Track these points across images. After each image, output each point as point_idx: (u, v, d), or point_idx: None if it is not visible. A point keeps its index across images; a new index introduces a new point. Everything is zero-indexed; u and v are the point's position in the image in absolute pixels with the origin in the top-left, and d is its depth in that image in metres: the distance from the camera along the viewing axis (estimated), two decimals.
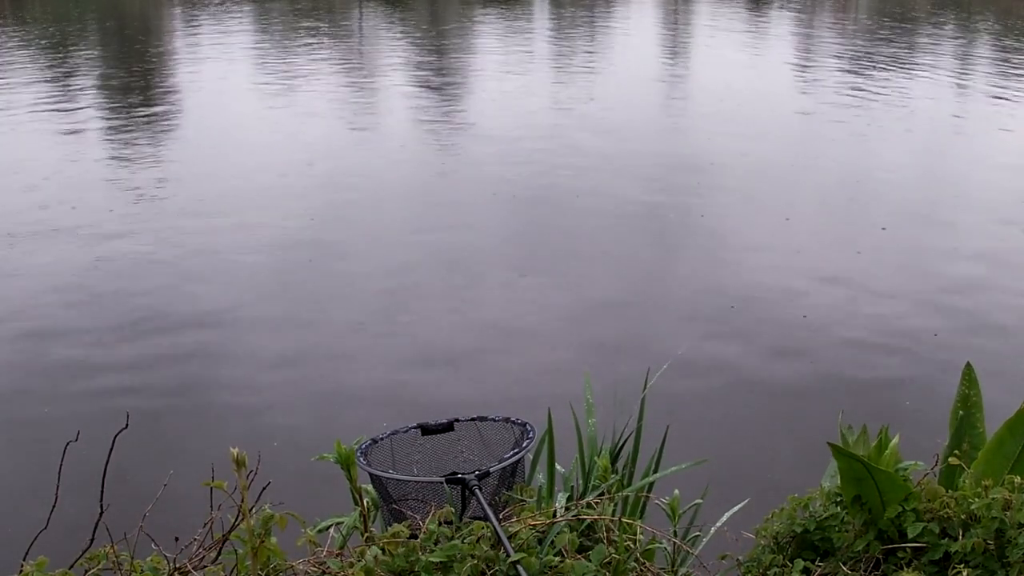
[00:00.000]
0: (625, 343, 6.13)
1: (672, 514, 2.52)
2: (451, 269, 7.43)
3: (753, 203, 9.24)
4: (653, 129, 12.77)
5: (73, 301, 6.71)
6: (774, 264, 7.63)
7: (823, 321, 6.53)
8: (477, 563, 1.96)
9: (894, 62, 18.43)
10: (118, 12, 27.30)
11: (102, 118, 12.84)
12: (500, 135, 11.80)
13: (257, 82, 15.40)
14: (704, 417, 5.24)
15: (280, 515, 1.88)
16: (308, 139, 11.46)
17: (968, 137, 12.63)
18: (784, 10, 29.70)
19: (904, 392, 5.56)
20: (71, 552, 2.01)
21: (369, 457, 2.36)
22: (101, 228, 8.15)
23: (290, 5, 27.66)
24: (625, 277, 7.36)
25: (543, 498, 2.63)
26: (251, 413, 5.27)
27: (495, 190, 9.48)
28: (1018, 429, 2.32)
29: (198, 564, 2.05)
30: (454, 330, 6.38)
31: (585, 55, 19.88)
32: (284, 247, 7.76)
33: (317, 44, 20.28)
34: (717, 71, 17.66)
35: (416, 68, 17.58)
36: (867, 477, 2.13)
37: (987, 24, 26.29)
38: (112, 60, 18.47)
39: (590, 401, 3.03)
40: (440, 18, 26.41)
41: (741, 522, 2.58)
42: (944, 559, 2.06)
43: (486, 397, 5.35)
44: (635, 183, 9.71)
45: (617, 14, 28.04)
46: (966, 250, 8.03)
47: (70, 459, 2.16)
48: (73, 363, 5.81)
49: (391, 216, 8.71)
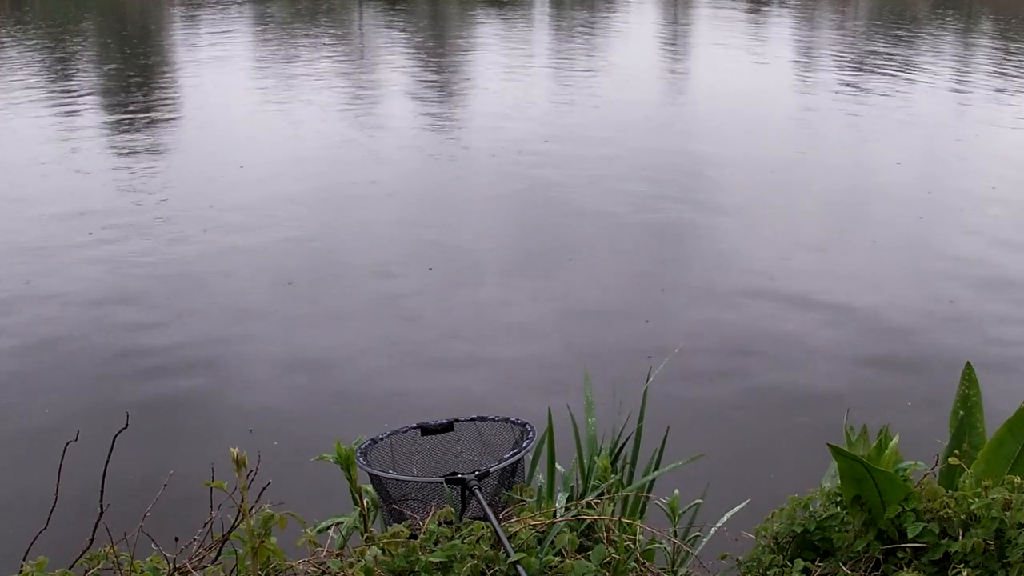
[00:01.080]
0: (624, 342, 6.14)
1: (672, 514, 2.52)
2: (450, 269, 7.45)
3: (754, 206, 9.24)
4: (653, 131, 12.75)
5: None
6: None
7: (828, 334, 6.53)
8: (477, 563, 1.97)
9: (894, 63, 18.43)
10: (118, 12, 27.30)
11: (101, 120, 12.85)
12: (500, 136, 11.81)
13: (256, 81, 15.41)
14: (704, 418, 5.24)
15: (280, 515, 1.88)
16: (307, 141, 11.44)
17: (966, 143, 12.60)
18: (784, 9, 29.70)
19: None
20: (71, 552, 2.01)
21: (369, 457, 2.36)
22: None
23: (290, 5, 27.66)
24: (625, 279, 7.37)
25: (543, 498, 2.63)
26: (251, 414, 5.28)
27: (495, 191, 9.49)
28: (1018, 429, 2.32)
29: (198, 564, 2.06)
30: (453, 331, 6.39)
31: (586, 56, 19.87)
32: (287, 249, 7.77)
33: (317, 44, 20.28)
34: (717, 73, 17.64)
35: (416, 69, 17.57)
36: (867, 477, 2.13)
37: (987, 24, 26.29)
38: (110, 62, 18.46)
39: (590, 399, 3.02)
40: (439, 18, 26.42)
41: (741, 522, 2.58)
42: (944, 559, 2.06)
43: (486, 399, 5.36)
44: (636, 183, 9.72)
45: (617, 15, 28.04)
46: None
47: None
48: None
49: (389, 216, 8.70)
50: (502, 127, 12.21)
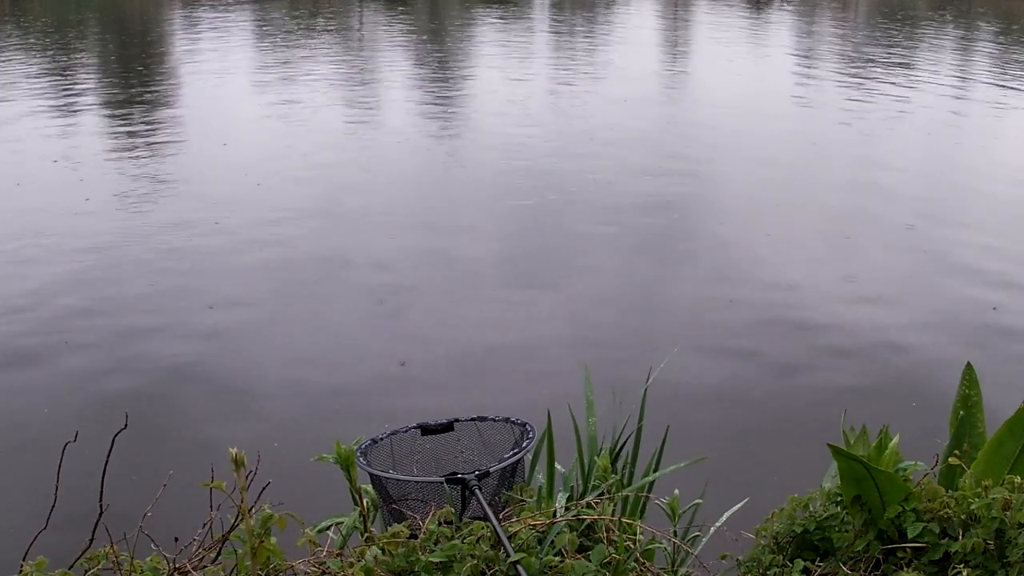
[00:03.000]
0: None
1: (672, 514, 2.52)
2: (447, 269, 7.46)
3: (757, 211, 9.22)
4: (654, 131, 12.75)
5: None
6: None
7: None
8: (477, 563, 1.96)
9: (894, 64, 18.43)
10: (118, 13, 27.30)
11: (100, 122, 12.84)
12: (500, 134, 11.81)
13: (256, 81, 15.40)
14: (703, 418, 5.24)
15: (280, 515, 1.88)
16: (306, 146, 11.39)
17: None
18: (783, 11, 29.71)
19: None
20: (72, 552, 2.01)
21: (369, 457, 2.36)
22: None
23: (290, 5, 27.67)
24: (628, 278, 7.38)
25: (543, 498, 2.63)
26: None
27: (494, 193, 9.49)
28: (1018, 429, 2.32)
29: (198, 564, 2.06)
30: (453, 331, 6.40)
31: (586, 57, 19.88)
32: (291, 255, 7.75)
33: (317, 46, 20.27)
34: (718, 74, 17.65)
35: (415, 71, 17.57)
36: (867, 477, 2.13)
37: (988, 25, 26.30)
38: (111, 64, 18.45)
39: (590, 399, 3.02)
40: (440, 17, 26.42)
41: (741, 522, 2.58)
42: (944, 559, 2.06)
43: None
44: (637, 182, 9.72)
45: (617, 16, 28.04)
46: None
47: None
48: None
49: (388, 218, 8.70)
50: (502, 127, 12.21)
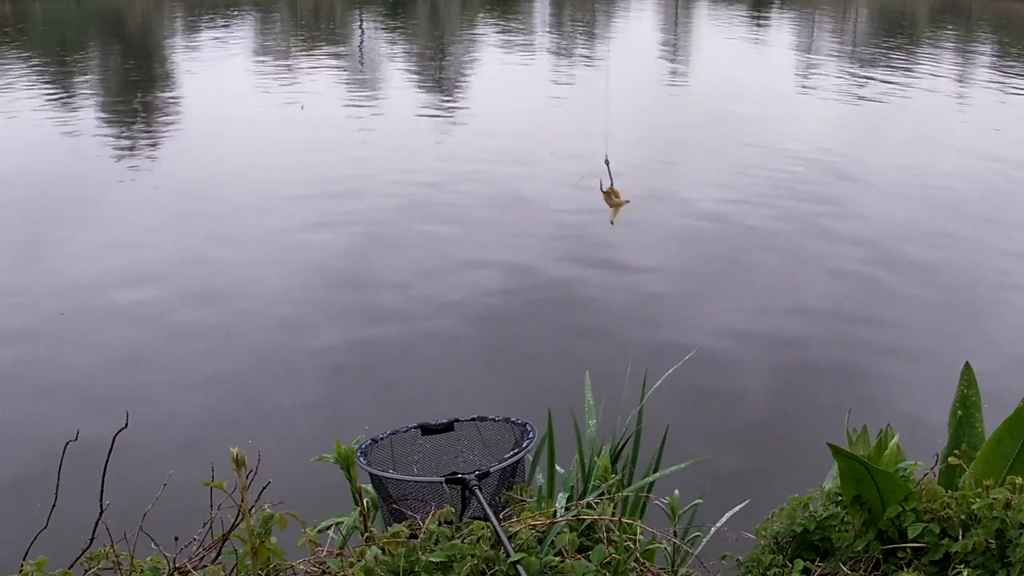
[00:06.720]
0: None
1: (672, 514, 2.51)
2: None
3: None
4: (654, 133, 12.76)
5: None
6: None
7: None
8: (477, 563, 1.96)
9: (895, 66, 18.43)
10: (118, 17, 27.31)
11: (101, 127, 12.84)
12: (500, 135, 11.81)
13: (258, 86, 15.40)
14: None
15: (280, 515, 1.88)
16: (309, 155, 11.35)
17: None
18: (783, 14, 29.72)
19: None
20: (72, 552, 2.00)
21: (369, 457, 2.36)
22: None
23: (290, 12, 27.69)
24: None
25: (543, 498, 2.63)
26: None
27: (496, 194, 9.49)
28: (1017, 428, 2.32)
29: (198, 564, 2.05)
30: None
31: (587, 58, 19.88)
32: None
33: (318, 52, 20.28)
34: (721, 77, 17.67)
35: (416, 72, 17.58)
36: (867, 477, 2.13)
37: (987, 29, 26.30)
38: (113, 74, 18.46)
39: (590, 402, 3.02)
40: (441, 23, 26.43)
41: (741, 522, 2.58)
42: (944, 559, 2.05)
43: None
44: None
45: (617, 17, 28.05)
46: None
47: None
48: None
49: (388, 220, 8.70)
50: (502, 129, 12.21)
